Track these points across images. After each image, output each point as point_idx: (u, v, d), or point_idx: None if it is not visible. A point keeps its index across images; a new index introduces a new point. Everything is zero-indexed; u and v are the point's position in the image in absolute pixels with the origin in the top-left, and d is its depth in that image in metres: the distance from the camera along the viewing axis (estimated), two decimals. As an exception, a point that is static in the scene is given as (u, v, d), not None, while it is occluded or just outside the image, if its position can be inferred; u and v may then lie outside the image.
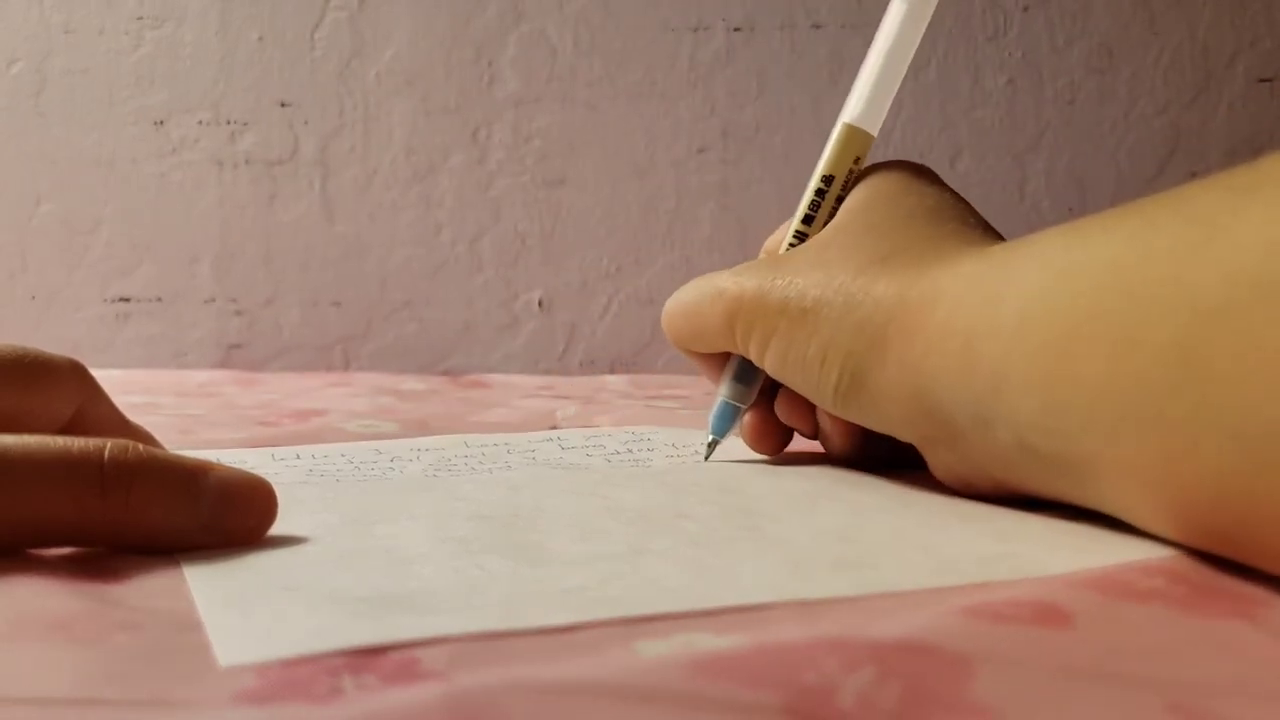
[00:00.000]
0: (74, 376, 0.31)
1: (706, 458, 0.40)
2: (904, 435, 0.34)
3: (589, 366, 0.87)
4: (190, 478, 0.26)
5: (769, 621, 0.21)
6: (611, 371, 0.86)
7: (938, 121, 0.86)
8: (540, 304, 0.87)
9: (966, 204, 0.37)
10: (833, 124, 0.39)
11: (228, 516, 0.26)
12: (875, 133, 0.38)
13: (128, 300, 0.88)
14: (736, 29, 0.86)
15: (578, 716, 0.16)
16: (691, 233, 0.86)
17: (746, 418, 0.40)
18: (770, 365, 0.36)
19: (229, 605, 0.22)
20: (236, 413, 0.57)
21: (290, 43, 0.87)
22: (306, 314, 0.88)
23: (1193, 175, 0.84)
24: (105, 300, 0.88)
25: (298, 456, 0.40)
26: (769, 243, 0.42)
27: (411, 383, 0.76)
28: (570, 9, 0.86)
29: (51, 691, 0.17)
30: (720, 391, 0.40)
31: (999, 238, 0.34)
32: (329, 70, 0.87)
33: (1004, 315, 0.28)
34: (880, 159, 0.39)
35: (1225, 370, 0.22)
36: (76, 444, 0.25)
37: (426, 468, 0.38)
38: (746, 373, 0.39)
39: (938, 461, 0.33)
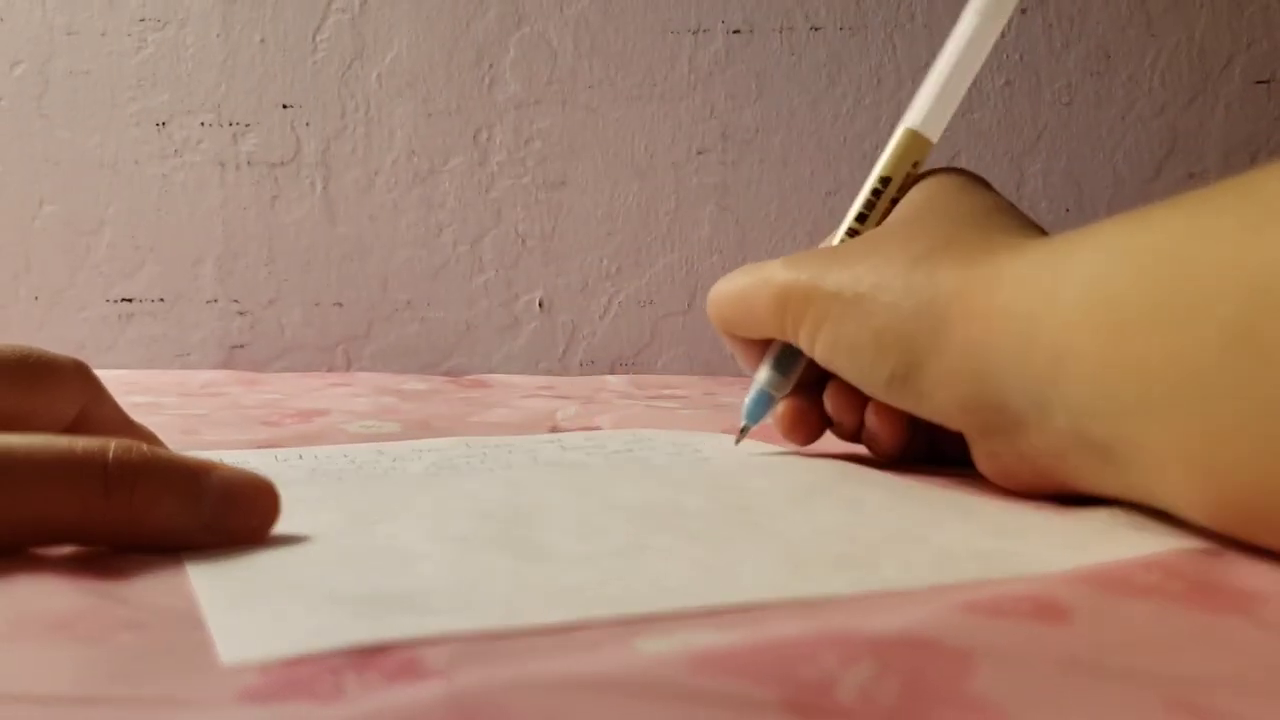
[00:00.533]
0: (78, 377, 0.31)
1: (737, 443, 0.41)
2: (955, 424, 0.33)
3: (589, 367, 0.87)
4: (193, 477, 0.26)
5: (769, 619, 0.21)
6: (611, 371, 0.86)
7: (938, 122, 0.86)
8: (541, 304, 0.87)
9: (1020, 212, 0.37)
10: (831, 126, 0.39)
11: (231, 516, 0.26)
12: (935, 139, 0.39)
13: (131, 301, 0.89)
14: (735, 31, 0.86)
15: (579, 714, 0.16)
16: (691, 234, 0.86)
17: (781, 406, 0.40)
18: (820, 352, 0.36)
19: (232, 604, 0.22)
20: (239, 413, 0.57)
21: (292, 45, 0.87)
22: (308, 314, 0.88)
23: (1190, 177, 0.84)
24: (108, 301, 0.89)
25: (300, 457, 0.40)
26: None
27: (413, 383, 0.76)
28: (570, 12, 0.86)
29: (54, 689, 0.17)
30: (757, 379, 0.40)
31: None
32: (331, 72, 0.87)
33: (1066, 295, 0.28)
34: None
35: (1275, 350, 0.22)
36: (80, 444, 0.25)
37: (428, 467, 0.38)
38: (786, 362, 0.39)
39: (985, 451, 0.33)
